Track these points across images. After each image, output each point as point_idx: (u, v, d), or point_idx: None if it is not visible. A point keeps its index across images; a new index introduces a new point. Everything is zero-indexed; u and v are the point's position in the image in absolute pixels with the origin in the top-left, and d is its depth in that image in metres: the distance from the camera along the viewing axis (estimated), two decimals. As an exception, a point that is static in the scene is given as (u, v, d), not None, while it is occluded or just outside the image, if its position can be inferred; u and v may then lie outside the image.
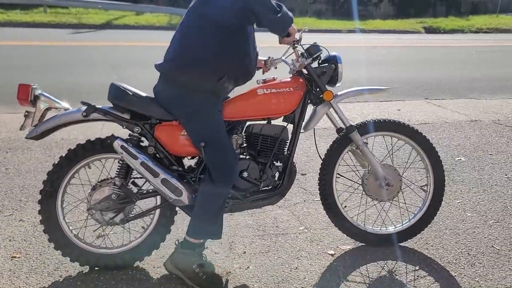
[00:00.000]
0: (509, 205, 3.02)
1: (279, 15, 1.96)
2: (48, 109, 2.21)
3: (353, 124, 2.39)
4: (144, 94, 2.18)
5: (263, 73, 2.51)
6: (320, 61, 2.34)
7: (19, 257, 2.33)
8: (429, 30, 16.97)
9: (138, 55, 8.85)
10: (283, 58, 2.41)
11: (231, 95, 2.26)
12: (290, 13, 2.04)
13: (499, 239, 2.60)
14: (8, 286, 2.10)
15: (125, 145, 2.11)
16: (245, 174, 2.21)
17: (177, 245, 2.17)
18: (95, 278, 2.18)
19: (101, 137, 2.22)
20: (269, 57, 2.48)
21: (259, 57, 2.41)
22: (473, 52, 11.15)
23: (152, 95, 2.17)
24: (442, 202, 2.53)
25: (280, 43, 2.23)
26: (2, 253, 2.36)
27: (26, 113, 2.19)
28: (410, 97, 6.19)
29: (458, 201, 3.06)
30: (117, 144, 2.10)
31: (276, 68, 2.48)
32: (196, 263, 2.12)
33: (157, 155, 2.21)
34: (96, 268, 2.23)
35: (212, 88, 2.06)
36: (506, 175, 3.52)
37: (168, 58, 2.10)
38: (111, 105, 2.20)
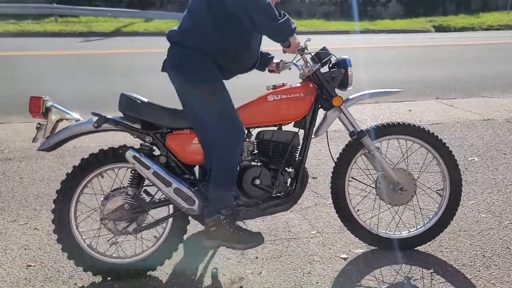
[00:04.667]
0: (525, 205, 2.98)
1: (278, 22, 1.98)
2: (59, 120, 2.23)
3: (363, 129, 2.36)
4: (153, 102, 2.19)
5: (277, 72, 2.53)
6: (330, 65, 2.33)
7: (34, 265, 2.36)
8: (439, 29, 16.81)
9: (149, 62, 8.90)
10: (294, 61, 2.41)
11: (240, 102, 2.26)
12: (293, 24, 2.05)
13: (515, 240, 2.56)
14: (24, 295, 2.13)
15: (137, 155, 2.12)
16: (257, 182, 2.21)
17: (204, 222, 2.17)
18: (109, 286, 2.20)
19: (114, 146, 2.24)
20: (281, 60, 2.49)
21: (274, 60, 2.47)
22: (484, 49, 11.02)
23: (163, 104, 2.19)
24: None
25: (284, 52, 2.23)
26: (18, 262, 2.39)
27: (38, 125, 2.22)
28: (421, 97, 6.14)
29: (472, 202, 3.02)
30: (129, 154, 2.13)
31: (290, 69, 2.47)
32: (228, 225, 2.12)
33: (169, 164, 2.22)
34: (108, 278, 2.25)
35: (214, 55, 2.09)
36: (520, 174, 3.48)
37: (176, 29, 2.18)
38: (122, 115, 2.22)
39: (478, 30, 16.47)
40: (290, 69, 2.47)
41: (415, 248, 2.48)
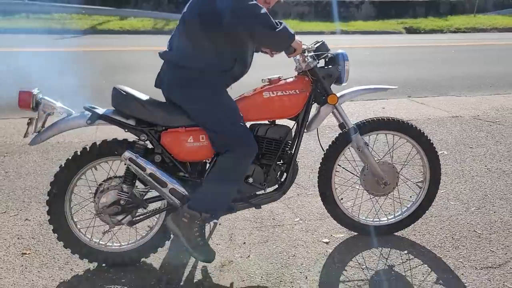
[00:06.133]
0: (489, 193, 3.23)
1: (278, 31, 2.00)
2: (49, 114, 2.18)
3: (354, 126, 2.43)
4: (147, 98, 2.18)
5: (270, 56, 2.51)
6: (327, 60, 2.35)
7: (29, 253, 2.43)
8: (410, 31, 17.30)
9: (126, 60, 8.91)
10: None
11: (237, 92, 2.29)
12: (291, 30, 2.07)
13: (480, 224, 2.79)
14: (22, 280, 2.21)
15: (133, 157, 2.13)
16: (250, 180, 2.25)
17: (183, 207, 2.17)
18: (105, 271, 2.30)
19: (108, 140, 2.25)
20: None
21: None
22: (452, 51, 11.48)
23: (156, 98, 2.21)
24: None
25: (288, 57, 2.22)
26: (12, 250, 2.46)
27: (29, 121, 2.16)
28: (394, 96, 6.38)
29: (442, 191, 3.25)
30: (125, 156, 2.13)
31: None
32: (197, 228, 2.17)
33: (164, 161, 2.21)
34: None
35: (218, 75, 2.14)
36: (485, 166, 3.74)
37: (172, 46, 2.20)
38: (114, 109, 2.20)
39: (446, 32, 17.06)
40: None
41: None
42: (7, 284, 2.18)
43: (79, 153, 2.25)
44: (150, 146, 2.25)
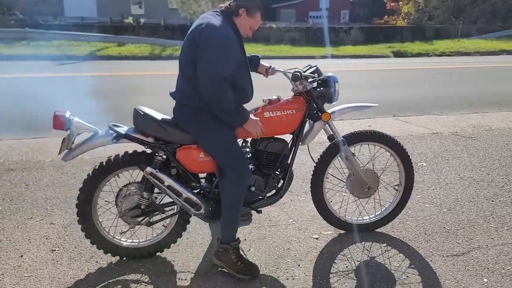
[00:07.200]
0: (460, 197, 3.65)
1: (233, 116, 2.35)
2: (80, 133, 2.47)
3: (343, 139, 2.76)
4: (164, 118, 2.46)
5: (265, 76, 2.87)
6: (319, 81, 2.67)
7: (58, 250, 2.79)
8: (397, 54, 18.02)
9: (127, 84, 9.36)
10: (282, 69, 2.74)
11: None
12: (245, 113, 2.40)
13: (450, 222, 3.20)
14: (54, 271, 2.57)
15: (154, 172, 2.45)
16: (252, 189, 2.57)
17: (218, 242, 2.55)
18: (125, 262, 2.66)
19: (129, 152, 2.56)
20: (270, 66, 2.81)
21: (262, 62, 2.80)
22: (436, 74, 12.09)
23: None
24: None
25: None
26: (43, 248, 2.82)
27: (63, 140, 2.43)
28: (380, 115, 6.85)
29: (419, 196, 3.66)
30: (147, 172, 2.45)
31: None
32: (234, 255, 2.51)
33: (178, 173, 2.52)
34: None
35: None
36: (459, 175, 4.16)
37: (177, 88, 2.48)
38: (134, 128, 2.49)
39: (432, 56, 17.80)
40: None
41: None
42: (43, 274, 2.54)
43: (104, 163, 2.54)
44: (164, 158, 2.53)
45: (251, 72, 2.59)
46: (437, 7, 28.54)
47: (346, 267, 2.64)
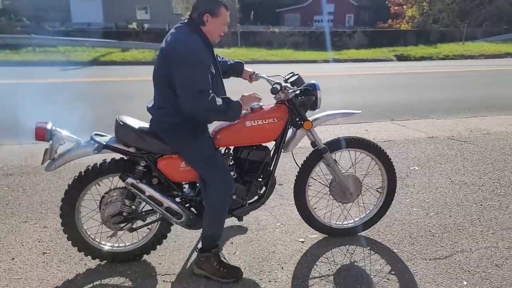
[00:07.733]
0: (449, 201, 3.68)
1: (227, 112, 2.36)
2: (61, 143, 2.51)
3: (325, 146, 2.79)
4: (145, 128, 2.48)
5: (249, 82, 2.91)
6: (302, 89, 2.66)
7: (49, 252, 2.86)
8: (400, 58, 18.02)
9: (130, 89, 9.48)
10: (265, 76, 2.80)
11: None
12: (235, 102, 2.40)
13: (436, 226, 3.23)
14: (44, 273, 2.64)
15: (135, 182, 2.48)
16: (234, 197, 2.59)
17: (197, 251, 2.60)
18: (113, 265, 2.73)
19: (107, 160, 2.59)
20: (254, 72, 2.85)
21: (246, 68, 2.82)
22: (438, 77, 12.09)
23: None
24: (394, 201, 3.12)
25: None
26: (34, 251, 2.89)
27: (45, 150, 2.48)
28: (378, 119, 6.88)
29: (408, 200, 3.70)
30: (128, 182, 2.49)
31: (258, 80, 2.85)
32: (216, 261, 2.55)
33: (160, 182, 2.55)
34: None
35: (191, 121, 2.42)
36: (450, 179, 4.19)
37: (153, 104, 2.50)
38: (116, 138, 2.51)
39: (435, 59, 17.79)
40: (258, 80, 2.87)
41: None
42: (32, 276, 2.61)
43: (83, 173, 2.58)
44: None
45: (236, 78, 2.63)
46: (442, 10, 28.48)
47: (329, 270, 2.69)
